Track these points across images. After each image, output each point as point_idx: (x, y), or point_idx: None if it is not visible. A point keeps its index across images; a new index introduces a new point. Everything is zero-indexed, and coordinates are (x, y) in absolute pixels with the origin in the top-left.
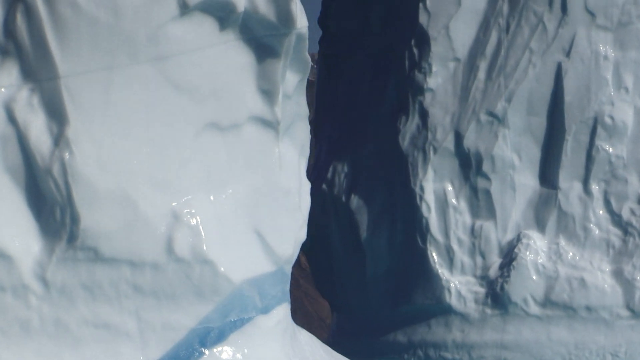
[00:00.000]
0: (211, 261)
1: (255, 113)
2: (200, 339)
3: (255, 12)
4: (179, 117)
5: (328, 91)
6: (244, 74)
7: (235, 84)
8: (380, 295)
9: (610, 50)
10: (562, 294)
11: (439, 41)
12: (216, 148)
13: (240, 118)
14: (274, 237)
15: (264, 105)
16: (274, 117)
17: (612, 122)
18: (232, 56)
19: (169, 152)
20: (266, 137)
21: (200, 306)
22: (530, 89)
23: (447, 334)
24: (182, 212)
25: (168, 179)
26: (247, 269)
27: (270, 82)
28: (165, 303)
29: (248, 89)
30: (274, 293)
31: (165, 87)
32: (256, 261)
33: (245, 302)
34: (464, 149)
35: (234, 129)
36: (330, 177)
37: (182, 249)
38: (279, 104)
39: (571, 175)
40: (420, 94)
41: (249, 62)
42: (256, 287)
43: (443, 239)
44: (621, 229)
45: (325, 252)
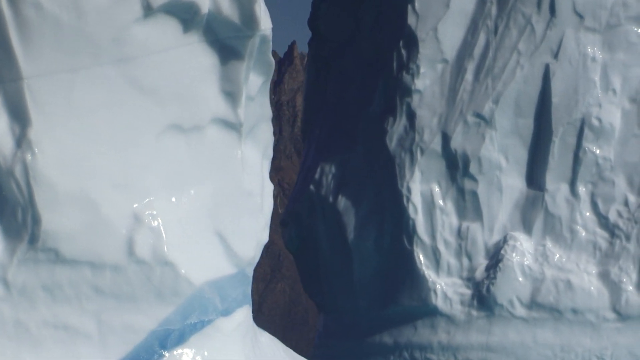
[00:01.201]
0: (172, 263)
1: (218, 115)
2: (161, 341)
3: (219, 14)
4: (141, 119)
5: (317, 92)
6: (207, 75)
7: (199, 86)
8: (366, 296)
9: (598, 52)
10: (548, 296)
11: (427, 43)
12: (178, 150)
13: (203, 120)
14: (236, 239)
15: (227, 107)
16: (237, 119)
17: (600, 124)
18: (196, 58)
19: (131, 154)
20: (229, 138)
21: (161, 308)
22: (518, 91)
23: (433, 336)
24: (143, 213)
25: (129, 180)
26: (208, 271)
27: (234, 84)
28: (125, 305)
29: (211, 90)
30: (235, 295)
31: (128, 88)
32: (217, 263)
33: (206, 304)
34: (451, 150)
35: (196, 131)
36: (318, 178)
37: (142, 250)
38: (242, 106)
39: (558, 177)
40: (408, 95)
41: (212, 63)
42: (217, 289)
43: (430, 241)
44: (608, 231)
45: (312, 253)
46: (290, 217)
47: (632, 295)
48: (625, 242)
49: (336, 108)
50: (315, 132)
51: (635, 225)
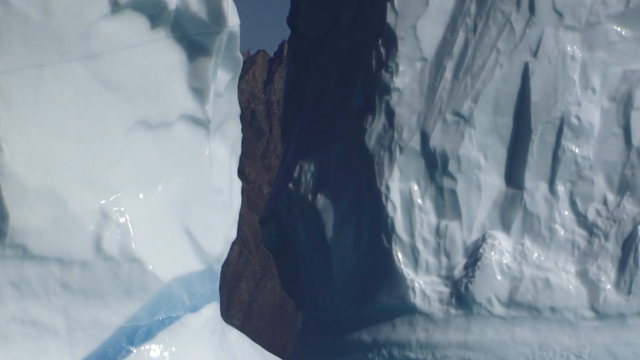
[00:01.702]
0: (140, 259)
1: (186, 111)
2: (128, 337)
3: (186, 10)
4: (109, 115)
5: (296, 90)
6: (174, 72)
7: (166, 82)
8: (345, 294)
9: (577, 50)
10: (526, 294)
11: (406, 41)
12: (146, 146)
13: (170, 116)
14: (204, 235)
15: (195, 104)
16: (205, 115)
17: (579, 123)
18: (163, 54)
19: (99, 150)
20: (197, 135)
21: (129, 304)
22: (497, 89)
23: (411, 334)
24: (111, 210)
25: (97, 177)
26: (176, 268)
27: (202, 81)
28: (93, 301)
29: (179, 87)
30: (203, 292)
31: (96, 85)
32: (185, 260)
33: (174, 300)
34: (430, 148)
35: (164, 127)
36: (297, 176)
37: (110, 247)
38: (210, 103)
39: (537, 175)
40: (387, 93)
41: (180, 60)
42: (185, 286)
43: (408, 239)
44: (587, 229)
45: (291, 251)
46: (270, 216)
47: (610, 294)
48: (603, 241)
49: (315, 106)
50: (295, 130)
51: (613, 224)
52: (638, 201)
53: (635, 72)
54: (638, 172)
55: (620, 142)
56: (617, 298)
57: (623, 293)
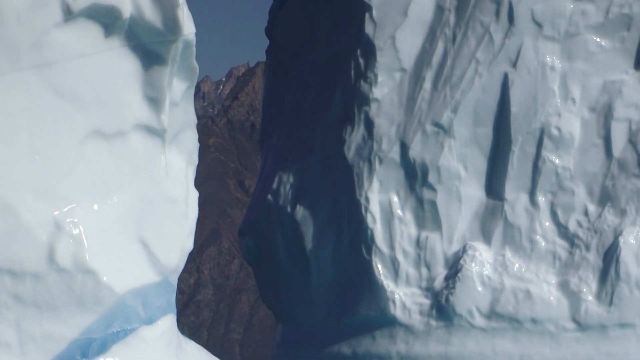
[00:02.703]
0: (93, 271)
1: (141, 121)
2: (82, 350)
3: (141, 19)
4: (62, 125)
5: (275, 101)
6: (129, 81)
7: (121, 91)
8: (325, 306)
9: (557, 61)
10: (507, 305)
11: (385, 51)
12: (101, 156)
13: (125, 126)
14: (160, 246)
15: (150, 113)
16: (161, 125)
17: (559, 133)
18: (118, 63)
19: (52, 160)
20: (152, 145)
21: (82, 317)
22: (477, 100)
23: (392, 346)
24: (64, 221)
25: (50, 187)
26: (130, 279)
27: (157, 90)
28: (46, 313)
29: (134, 96)
30: (159, 304)
31: (49, 93)
32: (140, 271)
33: (129, 312)
34: (410, 159)
35: (119, 137)
36: (276, 187)
37: (63, 258)
38: (165, 112)
39: (517, 186)
40: (366, 104)
41: (134, 69)
42: (140, 298)
43: (388, 250)
44: (567, 240)
45: (270, 262)
46: (248, 227)
47: (591, 305)
48: (585, 252)
49: (294, 116)
50: (273, 141)
51: (595, 235)
52: (619, 212)
53: (615, 83)
54: (619, 183)
55: (601, 152)
56: (598, 309)
57: (604, 304)
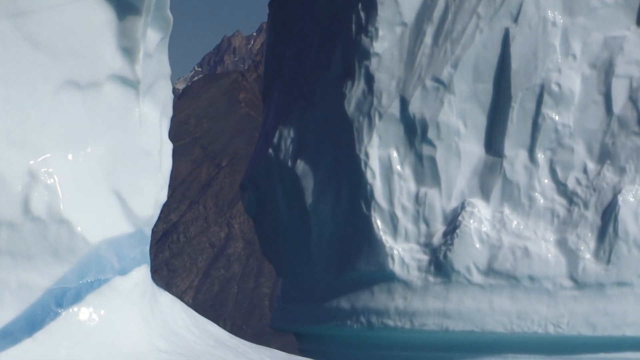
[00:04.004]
0: (68, 221)
1: (115, 71)
2: (56, 299)
3: None
4: (36, 75)
5: (276, 56)
6: (103, 31)
7: (95, 42)
8: (324, 261)
9: (558, 16)
10: (505, 263)
11: (386, 5)
12: (75, 107)
13: (99, 76)
14: (133, 198)
15: (124, 64)
16: (135, 76)
17: (559, 90)
18: (92, 13)
19: (26, 110)
20: (126, 96)
21: (57, 266)
22: (477, 55)
23: (390, 301)
24: (39, 171)
25: (25, 137)
26: (104, 230)
27: (131, 40)
28: (20, 262)
29: (108, 46)
30: (133, 255)
31: (23, 43)
32: (114, 222)
33: (103, 263)
34: (410, 115)
35: (93, 88)
36: (277, 142)
37: (38, 208)
38: (139, 63)
39: (517, 143)
40: (366, 58)
41: (109, 19)
42: (114, 248)
43: (387, 206)
44: (566, 198)
45: (271, 217)
46: (250, 181)
47: (589, 264)
48: (583, 209)
49: (295, 71)
50: (274, 96)
51: (593, 193)
52: (618, 170)
53: (617, 39)
54: (619, 141)
55: (601, 109)
56: (596, 267)
57: (602, 262)
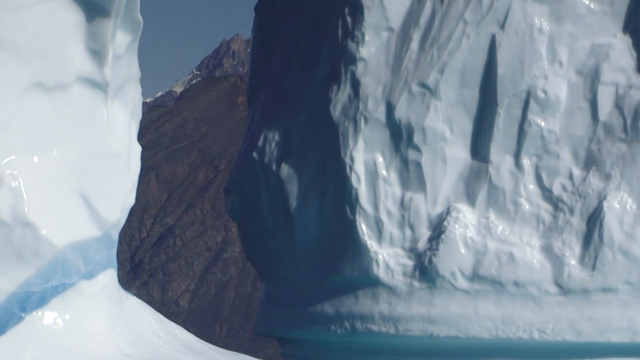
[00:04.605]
0: (33, 224)
1: (83, 74)
2: (20, 303)
3: None
4: (3, 76)
5: (263, 59)
6: (72, 33)
7: (63, 43)
8: (308, 265)
9: (545, 23)
10: (490, 268)
11: (373, 10)
12: (42, 108)
13: (67, 78)
14: (101, 201)
15: (93, 66)
16: (103, 78)
17: (545, 96)
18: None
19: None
20: (95, 98)
21: (21, 270)
22: (464, 61)
23: (374, 306)
24: (3, 173)
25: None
26: (70, 233)
27: (100, 42)
28: None
29: (76, 48)
30: (99, 258)
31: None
32: (81, 225)
33: (68, 266)
34: (395, 120)
35: (60, 90)
36: (262, 145)
37: (2, 211)
38: (108, 65)
39: (503, 148)
40: (352, 63)
41: (77, 20)
42: (80, 252)
43: (372, 211)
44: (552, 204)
45: (255, 221)
46: (234, 185)
47: (574, 269)
48: (569, 215)
49: (281, 74)
50: (260, 99)
51: (579, 199)
52: (604, 176)
53: (603, 46)
54: (604, 147)
55: (587, 116)
56: (581, 273)
57: (587, 268)
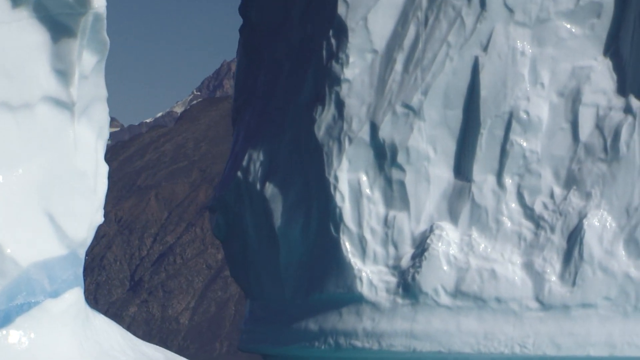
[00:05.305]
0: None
1: (49, 93)
2: None
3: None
4: None
5: (248, 80)
6: (37, 53)
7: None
8: (293, 283)
9: (527, 46)
10: (472, 285)
11: (357, 33)
12: (7, 128)
13: (32, 98)
14: (67, 220)
15: (59, 86)
16: (70, 97)
17: (527, 117)
18: (26, 34)
19: None
20: (61, 118)
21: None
22: (447, 83)
23: (358, 323)
24: None
25: None
26: (36, 252)
27: (66, 62)
28: None
29: (42, 68)
30: (65, 277)
31: None
32: (46, 244)
33: (33, 285)
34: (379, 140)
35: (26, 109)
36: (246, 165)
37: None
38: (74, 85)
39: (485, 168)
40: (337, 84)
41: (43, 40)
42: (45, 271)
43: (356, 229)
44: (533, 222)
45: (239, 240)
46: (218, 204)
47: (554, 286)
48: (549, 233)
49: (266, 95)
50: (245, 119)
51: (560, 217)
52: (584, 195)
53: (584, 69)
54: (585, 167)
55: (568, 136)
56: (561, 289)
57: (567, 285)
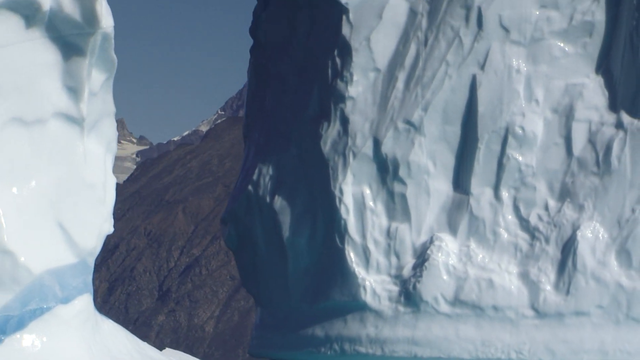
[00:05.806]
0: (11, 252)
1: (60, 109)
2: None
3: (60, 12)
4: None
5: (257, 98)
6: (49, 71)
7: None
8: (300, 291)
9: (522, 64)
10: (470, 293)
11: (360, 52)
12: (20, 142)
13: (44, 114)
14: (77, 229)
15: (69, 102)
16: (79, 113)
17: (523, 133)
18: (38, 53)
19: None
20: (71, 132)
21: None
22: (446, 100)
23: (362, 330)
24: None
25: None
26: (48, 260)
27: (76, 80)
28: None
29: (53, 85)
30: (75, 284)
31: None
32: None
33: (45, 292)
34: (382, 154)
35: (38, 124)
36: (256, 179)
37: None
38: (84, 101)
39: (483, 181)
40: (341, 101)
41: (54, 59)
42: (57, 278)
43: (360, 240)
44: (529, 233)
45: (250, 250)
46: (230, 216)
47: (549, 295)
48: (544, 244)
49: (274, 113)
50: (255, 136)
51: (554, 229)
52: (577, 207)
53: (577, 86)
54: (578, 180)
55: (562, 151)
56: (556, 298)
57: (562, 293)
